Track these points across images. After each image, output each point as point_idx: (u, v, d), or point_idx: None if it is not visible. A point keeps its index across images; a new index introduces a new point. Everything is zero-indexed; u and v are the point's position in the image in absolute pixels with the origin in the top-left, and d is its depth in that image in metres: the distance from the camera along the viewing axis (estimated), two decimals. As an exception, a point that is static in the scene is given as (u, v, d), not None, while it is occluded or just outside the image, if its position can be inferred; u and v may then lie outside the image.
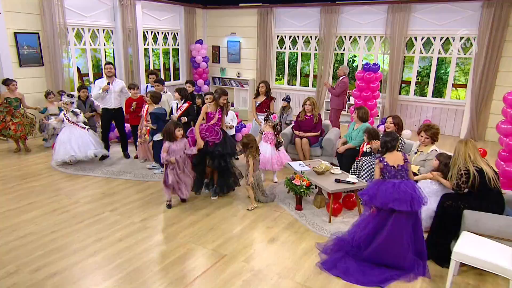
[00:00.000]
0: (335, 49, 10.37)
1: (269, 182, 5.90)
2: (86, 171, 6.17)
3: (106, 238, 4.15)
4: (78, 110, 6.49)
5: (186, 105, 6.19)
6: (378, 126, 8.33)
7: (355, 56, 11.74)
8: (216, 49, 12.39)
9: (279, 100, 9.72)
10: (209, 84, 12.17)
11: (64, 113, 6.36)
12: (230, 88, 12.16)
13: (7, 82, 6.96)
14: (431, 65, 9.38)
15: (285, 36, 11.18)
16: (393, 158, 3.73)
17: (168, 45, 11.50)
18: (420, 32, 9.14)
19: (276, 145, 5.79)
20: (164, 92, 6.86)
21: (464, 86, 10.22)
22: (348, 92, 10.26)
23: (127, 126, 7.41)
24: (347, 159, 5.82)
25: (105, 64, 6.56)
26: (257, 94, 6.91)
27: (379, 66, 6.94)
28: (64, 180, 5.80)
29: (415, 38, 9.28)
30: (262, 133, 5.90)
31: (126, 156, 6.92)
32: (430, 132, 4.68)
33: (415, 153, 4.86)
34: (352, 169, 5.37)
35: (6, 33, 7.50)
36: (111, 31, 9.64)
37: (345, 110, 9.73)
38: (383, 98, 9.78)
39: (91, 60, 9.51)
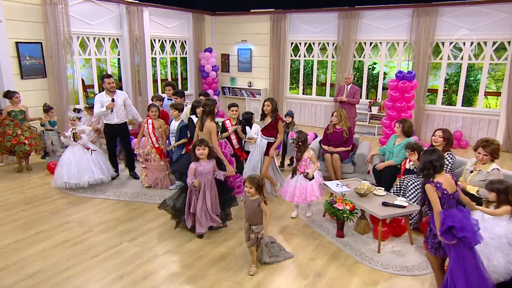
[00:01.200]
0: (354, 56, 10.02)
1: (282, 216, 5.05)
2: (96, 193, 5.73)
3: (128, 276, 3.69)
4: (85, 128, 6.07)
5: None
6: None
7: (375, 64, 11.36)
8: (225, 58, 12.05)
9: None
10: (219, 95, 11.80)
11: (70, 131, 5.96)
12: (241, 99, 11.79)
13: (9, 94, 6.57)
14: (459, 72, 9.01)
15: (299, 43, 10.83)
16: (446, 181, 3.13)
17: (176, 53, 11.15)
18: (448, 37, 8.78)
19: (304, 174, 4.81)
20: (185, 104, 6.48)
21: (495, 93, 9.85)
22: (370, 102, 9.90)
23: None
24: (386, 177, 5.41)
25: (103, 77, 5.96)
26: (263, 115, 5.54)
27: (415, 74, 6.55)
28: (73, 204, 5.36)
29: (442, 44, 8.92)
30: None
31: (134, 176, 6.43)
32: (490, 149, 4.25)
33: (471, 172, 4.43)
34: (394, 188, 4.95)
35: (7, 42, 7.11)
36: (117, 39, 9.29)
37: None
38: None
39: (96, 71, 9.14)
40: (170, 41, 10.82)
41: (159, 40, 10.43)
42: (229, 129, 5.63)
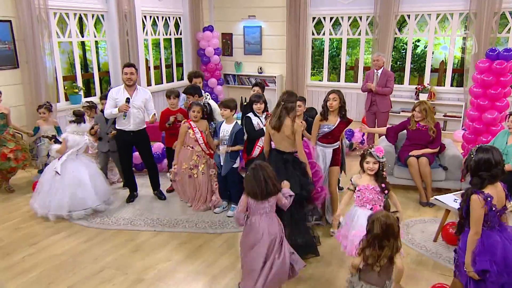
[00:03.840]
0: (395, 33, 9.62)
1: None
2: (118, 222, 4.98)
3: None
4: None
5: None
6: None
7: (418, 41, 11.03)
8: (227, 38, 11.36)
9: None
10: (223, 84, 11.12)
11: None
12: (249, 88, 11.09)
13: None
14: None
15: (324, 18, 10.31)
16: (497, 195, 2.84)
17: (170, 33, 10.37)
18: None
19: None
20: (207, 98, 5.88)
21: None
22: (417, 88, 9.53)
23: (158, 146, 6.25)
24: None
25: (124, 67, 5.26)
26: (325, 114, 4.76)
27: (514, 51, 6.16)
28: (94, 239, 4.59)
29: (510, 13, 8.64)
30: (355, 189, 3.80)
31: (160, 197, 5.72)
32: None
33: None
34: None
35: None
36: (102, 16, 8.44)
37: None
38: (465, 94, 9.10)
39: (69, 58, 8.28)
40: (163, 18, 10.03)
41: (150, 17, 9.64)
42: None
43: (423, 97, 9.41)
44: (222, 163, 5.12)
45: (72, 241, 4.57)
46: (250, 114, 5.25)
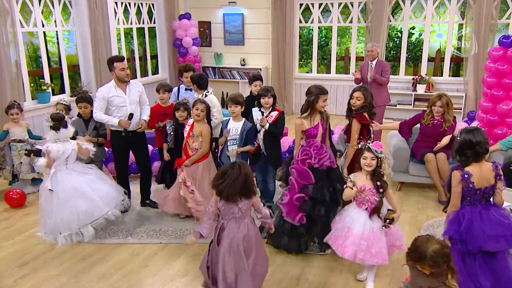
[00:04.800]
0: (389, 20, 9.64)
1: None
2: (116, 234, 4.70)
3: None
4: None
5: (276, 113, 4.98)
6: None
7: (413, 28, 11.14)
8: (205, 27, 11.10)
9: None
10: (203, 77, 10.86)
11: None
12: (231, 82, 10.97)
13: None
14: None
15: (312, 5, 10.24)
16: (481, 175, 3.23)
17: (143, 22, 10.01)
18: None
19: (379, 215, 3.70)
20: (210, 92, 5.62)
21: None
22: (414, 79, 9.58)
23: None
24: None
25: (113, 61, 4.98)
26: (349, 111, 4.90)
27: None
28: (93, 256, 4.30)
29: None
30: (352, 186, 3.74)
31: (153, 206, 5.39)
32: None
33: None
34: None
35: None
36: (70, 2, 8.02)
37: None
38: (465, 84, 9.25)
39: (28, 50, 7.84)
40: (135, 4, 9.66)
41: (122, 3, 9.25)
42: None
43: (421, 88, 9.51)
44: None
45: (67, 259, 4.25)
46: (255, 109, 5.11)
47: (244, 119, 4.93)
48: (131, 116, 4.96)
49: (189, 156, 4.82)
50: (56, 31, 8.06)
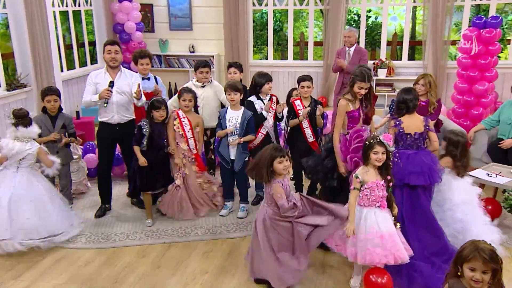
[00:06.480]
0: (347, 2, 10.15)
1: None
2: (111, 238, 4.70)
3: None
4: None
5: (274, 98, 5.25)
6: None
7: (369, 11, 11.75)
8: (146, 10, 10.97)
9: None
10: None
11: None
12: (180, 71, 10.96)
13: None
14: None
15: (266, -14, 10.52)
16: (411, 123, 4.31)
17: (79, 4, 9.73)
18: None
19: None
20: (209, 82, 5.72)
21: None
22: (375, 63, 10.16)
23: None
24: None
25: (106, 45, 5.00)
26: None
27: (501, 19, 6.89)
28: (96, 261, 4.31)
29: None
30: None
31: (140, 205, 5.41)
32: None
33: None
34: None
35: None
36: (2, -19, 7.66)
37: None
38: (424, 68, 9.95)
39: None
40: (70, -17, 9.40)
41: (55, -17, 8.97)
42: (300, 113, 5.18)
43: (382, 72, 10.13)
44: (232, 157, 5.07)
45: (68, 267, 4.20)
46: (253, 98, 5.29)
47: (243, 107, 5.10)
48: (111, 83, 4.87)
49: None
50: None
